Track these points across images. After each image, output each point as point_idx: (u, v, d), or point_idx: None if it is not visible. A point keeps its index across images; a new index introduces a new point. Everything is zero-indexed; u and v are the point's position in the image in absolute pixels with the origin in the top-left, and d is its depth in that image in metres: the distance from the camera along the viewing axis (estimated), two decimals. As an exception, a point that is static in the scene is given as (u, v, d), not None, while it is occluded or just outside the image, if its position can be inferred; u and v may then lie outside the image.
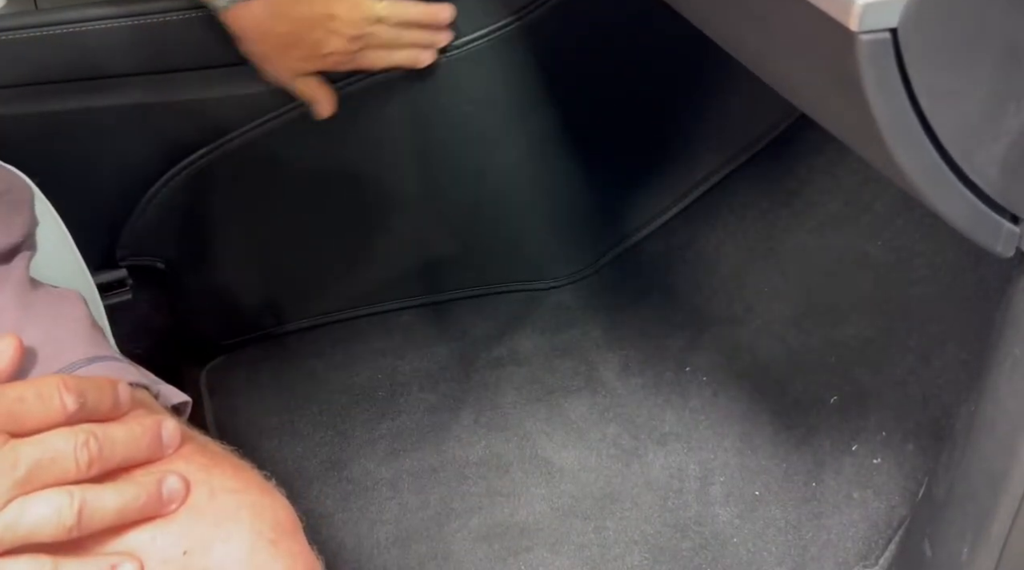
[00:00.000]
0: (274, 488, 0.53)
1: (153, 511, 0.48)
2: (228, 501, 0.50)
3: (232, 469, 0.52)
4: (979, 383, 0.54)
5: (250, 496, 0.51)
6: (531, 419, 0.92)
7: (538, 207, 1.02)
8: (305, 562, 0.51)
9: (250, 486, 0.51)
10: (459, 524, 0.84)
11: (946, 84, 0.42)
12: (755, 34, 0.53)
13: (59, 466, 0.46)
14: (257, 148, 0.88)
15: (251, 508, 0.50)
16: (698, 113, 1.02)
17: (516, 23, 0.88)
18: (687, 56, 0.95)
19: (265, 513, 0.50)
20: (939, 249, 0.87)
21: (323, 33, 0.80)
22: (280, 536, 0.50)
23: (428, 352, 1.00)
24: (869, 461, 0.79)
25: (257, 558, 0.49)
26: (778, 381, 0.89)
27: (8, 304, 0.57)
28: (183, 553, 0.48)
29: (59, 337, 0.56)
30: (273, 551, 0.49)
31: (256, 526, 0.49)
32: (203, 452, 0.52)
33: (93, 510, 0.46)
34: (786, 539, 0.79)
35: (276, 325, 1.02)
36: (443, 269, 1.03)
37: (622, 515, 0.83)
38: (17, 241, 0.61)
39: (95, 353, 0.56)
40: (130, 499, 0.47)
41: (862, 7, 0.38)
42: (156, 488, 0.48)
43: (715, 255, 1.01)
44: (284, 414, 0.94)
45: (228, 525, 0.49)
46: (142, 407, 0.53)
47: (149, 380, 0.58)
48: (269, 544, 0.49)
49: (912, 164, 0.44)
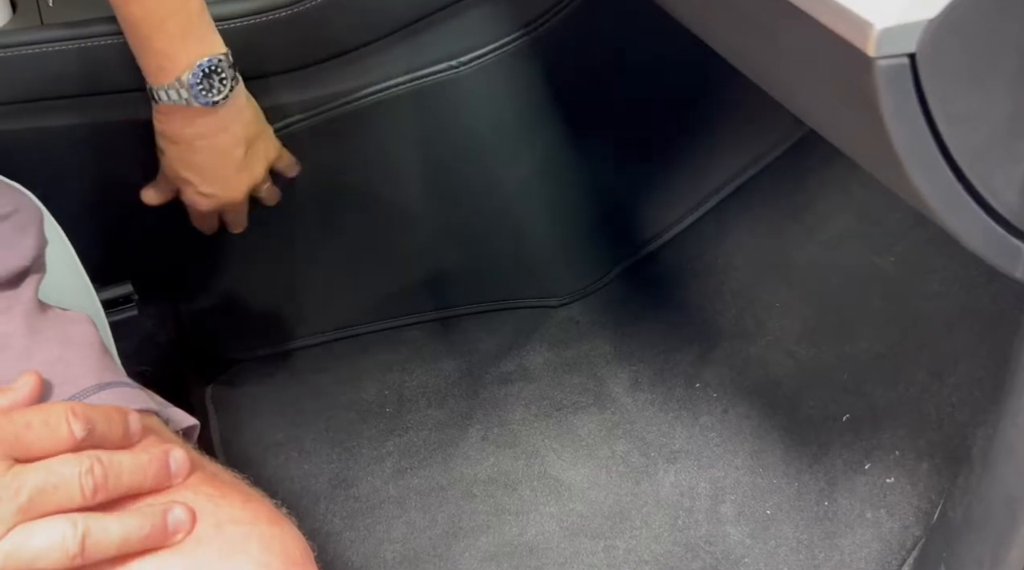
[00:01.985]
0: (284, 518, 0.53)
1: (158, 542, 0.48)
2: (235, 533, 0.49)
3: (241, 500, 0.52)
4: (998, 407, 0.53)
5: (258, 527, 0.50)
6: (540, 436, 0.91)
7: (547, 222, 1.01)
8: None
9: (259, 517, 0.51)
10: (467, 543, 0.83)
11: (964, 108, 0.41)
12: (768, 55, 0.53)
13: (63, 493, 0.46)
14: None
15: (259, 540, 0.49)
16: (708, 128, 1.02)
17: (524, 37, 0.87)
18: (697, 70, 0.94)
19: (274, 545, 0.50)
20: (952, 264, 0.86)
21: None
22: (289, 568, 0.49)
23: (436, 367, 0.99)
24: (882, 480, 0.79)
25: None
26: (789, 397, 0.88)
27: (17, 329, 0.56)
28: None
29: (70, 362, 0.56)
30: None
31: (264, 558, 0.49)
32: (211, 482, 0.52)
33: (97, 539, 0.46)
34: (798, 559, 0.78)
35: (283, 341, 1.02)
36: (451, 285, 1.03)
37: (632, 534, 0.83)
38: (26, 264, 0.60)
39: (106, 379, 0.56)
40: (134, 529, 0.47)
41: (880, 32, 0.37)
42: (161, 519, 0.48)
43: (725, 269, 1.01)
44: (290, 430, 0.94)
45: (235, 557, 0.48)
46: (152, 434, 0.53)
47: (158, 405, 0.58)
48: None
49: (929, 187, 0.43)
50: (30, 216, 0.64)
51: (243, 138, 0.78)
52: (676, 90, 0.98)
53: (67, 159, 0.83)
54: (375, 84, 0.86)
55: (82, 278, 0.72)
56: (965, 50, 0.39)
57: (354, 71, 0.86)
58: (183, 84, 0.72)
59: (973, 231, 0.45)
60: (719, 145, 1.04)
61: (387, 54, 0.86)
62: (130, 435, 0.51)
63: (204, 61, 0.72)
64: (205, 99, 0.73)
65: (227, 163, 0.79)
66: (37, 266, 0.62)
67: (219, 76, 0.73)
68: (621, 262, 1.06)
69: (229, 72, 0.74)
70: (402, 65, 0.87)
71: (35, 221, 0.64)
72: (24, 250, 0.61)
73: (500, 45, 0.87)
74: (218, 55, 0.73)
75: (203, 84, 0.73)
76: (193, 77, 0.72)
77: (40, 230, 0.64)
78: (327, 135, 0.87)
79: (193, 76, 0.72)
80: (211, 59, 0.72)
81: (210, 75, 0.73)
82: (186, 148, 0.77)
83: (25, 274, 0.60)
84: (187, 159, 0.78)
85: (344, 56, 0.85)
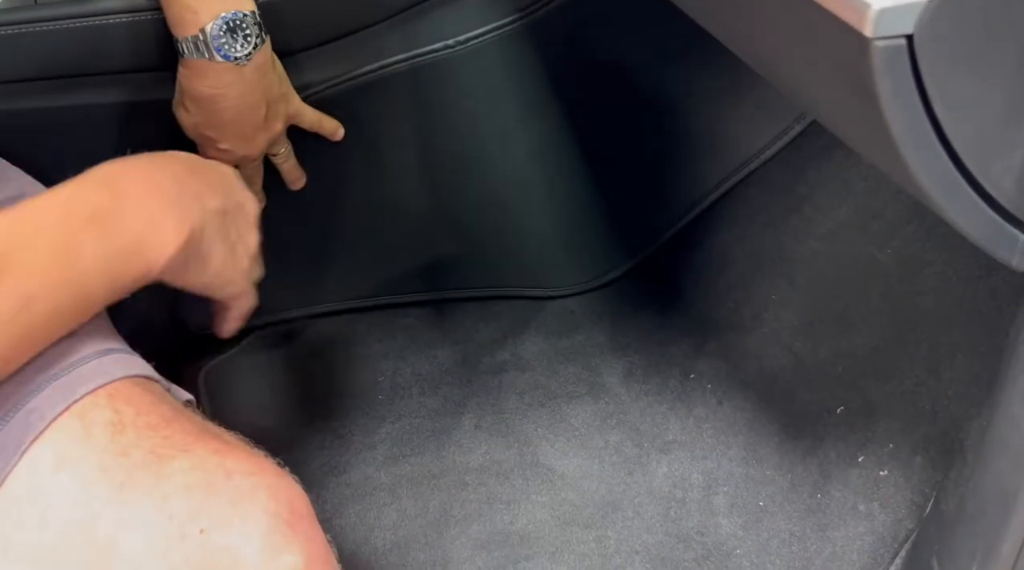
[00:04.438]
0: (288, 474, 0.54)
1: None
2: (245, 483, 0.50)
3: (247, 454, 0.53)
4: (992, 399, 0.52)
5: (266, 478, 0.51)
6: (533, 425, 0.91)
7: (541, 210, 1.00)
8: (320, 546, 0.52)
9: (265, 470, 0.52)
10: (458, 531, 0.83)
11: (962, 92, 0.40)
12: (766, 39, 0.52)
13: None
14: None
15: (268, 490, 0.50)
16: (709, 117, 1.01)
17: (521, 21, 0.87)
18: (697, 58, 0.93)
19: (281, 495, 0.51)
20: (950, 258, 0.85)
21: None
22: (296, 519, 0.50)
23: (430, 355, 0.99)
24: (876, 473, 0.78)
25: (274, 538, 0.49)
26: (784, 390, 0.88)
27: None
28: (200, 531, 0.48)
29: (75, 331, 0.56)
30: (290, 533, 0.49)
31: (273, 507, 0.50)
32: (217, 438, 0.53)
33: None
34: (790, 551, 0.78)
35: (274, 313, 1.01)
36: (446, 267, 1.03)
37: (624, 524, 0.82)
38: None
39: (107, 346, 0.57)
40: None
41: (877, 12, 0.37)
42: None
43: (722, 261, 1.00)
44: (282, 416, 0.93)
45: (245, 505, 0.49)
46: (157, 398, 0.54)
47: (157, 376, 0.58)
48: (286, 525, 0.50)
49: (926, 174, 0.43)
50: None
51: (264, 99, 0.79)
52: (674, 80, 0.97)
53: (67, 140, 0.82)
54: (371, 63, 0.86)
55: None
56: (964, 33, 0.38)
57: (351, 54, 0.86)
58: (205, 36, 0.72)
59: (970, 219, 0.44)
60: (720, 136, 1.03)
61: (384, 36, 0.85)
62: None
63: (228, 15, 0.72)
64: (227, 54, 0.73)
65: (248, 121, 0.79)
66: None
67: (243, 32, 0.73)
68: (621, 264, 1.05)
69: (254, 30, 0.73)
70: (399, 46, 0.86)
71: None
72: None
73: (496, 27, 0.87)
74: (243, 11, 0.72)
75: (226, 38, 0.72)
76: (216, 29, 0.72)
77: None
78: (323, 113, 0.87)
79: (216, 28, 0.72)
80: (236, 13, 0.72)
81: (234, 30, 0.72)
82: (209, 106, 0.77)
83: None
84: (210, 118, 0.78)
85: (342, 39, 0.85)
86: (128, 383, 0.54)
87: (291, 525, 0.50)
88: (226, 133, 0.79)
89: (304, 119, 0.86)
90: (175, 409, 0.55)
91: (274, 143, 0.84)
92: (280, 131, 0.84)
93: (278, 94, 0.81)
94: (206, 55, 0.73)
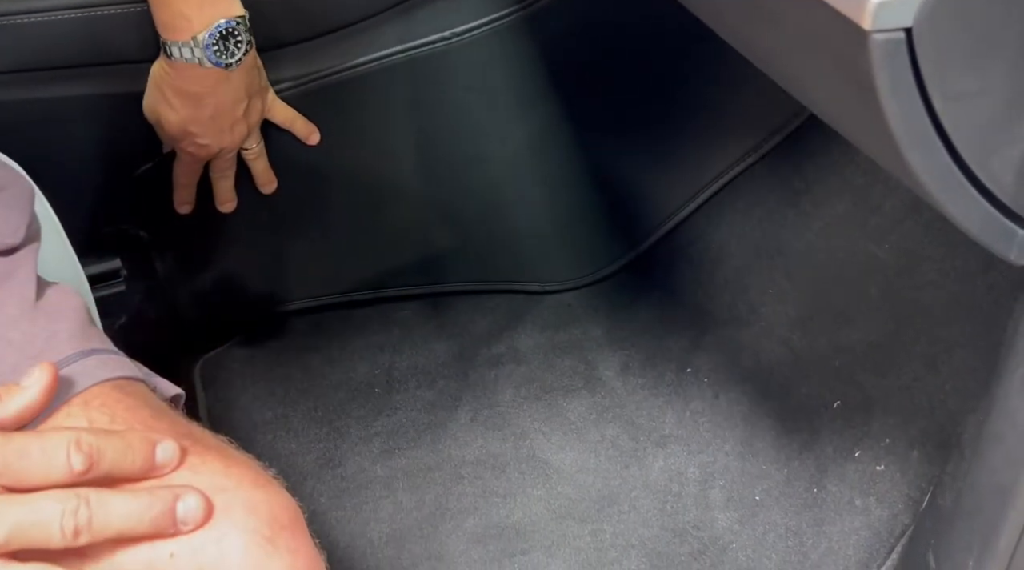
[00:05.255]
0: (271, 481, 0.51)
1: None
2: (218, 500, 0.48)
3: (222, 465, 0.50)
4: (989, 394, 0.52)
5: (241, 492, 0.49)
6: (529, 418, 0.91)
7: (538, 204, 1.00)
8: (306, 557, 0.49)
9: (242, 482, 0.50)
10: (454, 524, 0.83)
11: (961, 86, 0.40)
12: (765, 31, 0.52)
13: (41, 532, 0.44)
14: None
15: (243, 504, 0.48)
16: (707, 111, 1.01)
17: (519, 12, 0.87)
18: (695, 53, 0.93)
19: (259, 508, 0.48)
20: (949, 253, 0.85)
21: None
22: (277, 532, 0.48)
23: (426, 348, 0.99)
24: (872, 467, 0.78)
25: (252, 557, 0.47)
26: (781, 384, 0.88)
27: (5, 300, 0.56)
28: (170, 555, 0.47)
29: (55, 331, 0.55)
30: (270, 549, 0.47)
31: (250, 524, 0.48)
32: (194, 446, 0.51)
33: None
34: (786, 545, 0.78)
35: (269, 306, 1.01)
36: (442, 261, 1.02)
37: (620, 518, 0.82)
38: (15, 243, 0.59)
39: (90, 347, 0.55)
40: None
41: (876, 5, 0.36)
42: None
43: (720, 254, 1.00)
44: (279, 409, 0.93)
45: (219, 525, 0.47)
46: (156, 411, 0.52)
47: (143, 374, 0.57)
48: (265, 541, 0.47)
49: (925, 168, 0.42)
50: (20, 193, 0.63)
51: (247, 95, 0.79)
52: (672, 74, 0.97)
53: (57, 132, 0.82)
54: (367, 55, 0.86)
55: (68, 252, 0.71)
56: (963, 27, 0.38)
57: (348, 45, 0.86)
58: (198, 43, 0.72)
59: (968, 213, 0.44)
60: (717, 130, 1.03)
61: (381, 28, 0.85)
62: (156, 466, 0.48)
63: (222, 23, 0.72)
64: (218, 60, 0.72)
65: (228, 116, 0.79)
66: (29, 238, 0.61)
67: (235, 39, 0.73)
68: (618, 260, 1.05)
69: (245, 36, 0.74)
70: (395, 37, 0.86)
71: (26, 197, 0.63)
72: (12, 229, 0.60)
73: (494, 19, 0.86)
74: (235, 18, 0.72)
75: (218, 46, 0.72)
76: (209, 38, 0.71)
77: (30, 208, 0.63)
78: (318, 104, 0.87)
79: (209, 37, 0.71)
80: (229, 22, 0.72)
81: (226, 37, 0.72)
82: (193, 104, 0.77)
83: (11, 253, 0.59)
84: (193, 114, 0.78)
85: (339, 31, 0.85)
86: (107, 387, 0.52)
87: (271, 540, 0.47)
88: (208, 128, 0.79)
89: (275, 114, 0.86)
90: (156, 413, 0.52)
91: (248, 137, 0.84)
92: (256, 123, 0.84)
93: (258, 88, 0.81)
94: (195, 61, 0.73)
